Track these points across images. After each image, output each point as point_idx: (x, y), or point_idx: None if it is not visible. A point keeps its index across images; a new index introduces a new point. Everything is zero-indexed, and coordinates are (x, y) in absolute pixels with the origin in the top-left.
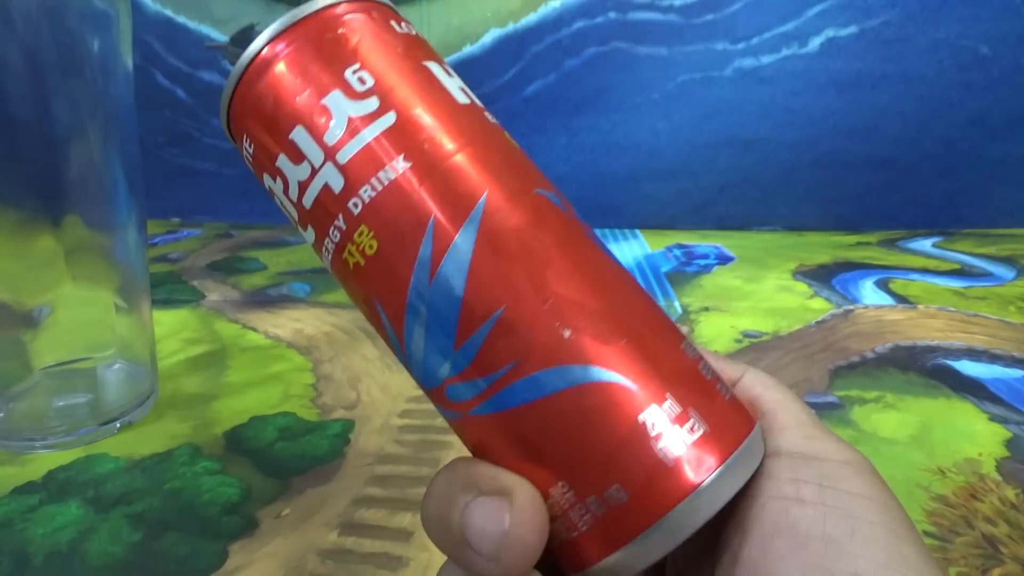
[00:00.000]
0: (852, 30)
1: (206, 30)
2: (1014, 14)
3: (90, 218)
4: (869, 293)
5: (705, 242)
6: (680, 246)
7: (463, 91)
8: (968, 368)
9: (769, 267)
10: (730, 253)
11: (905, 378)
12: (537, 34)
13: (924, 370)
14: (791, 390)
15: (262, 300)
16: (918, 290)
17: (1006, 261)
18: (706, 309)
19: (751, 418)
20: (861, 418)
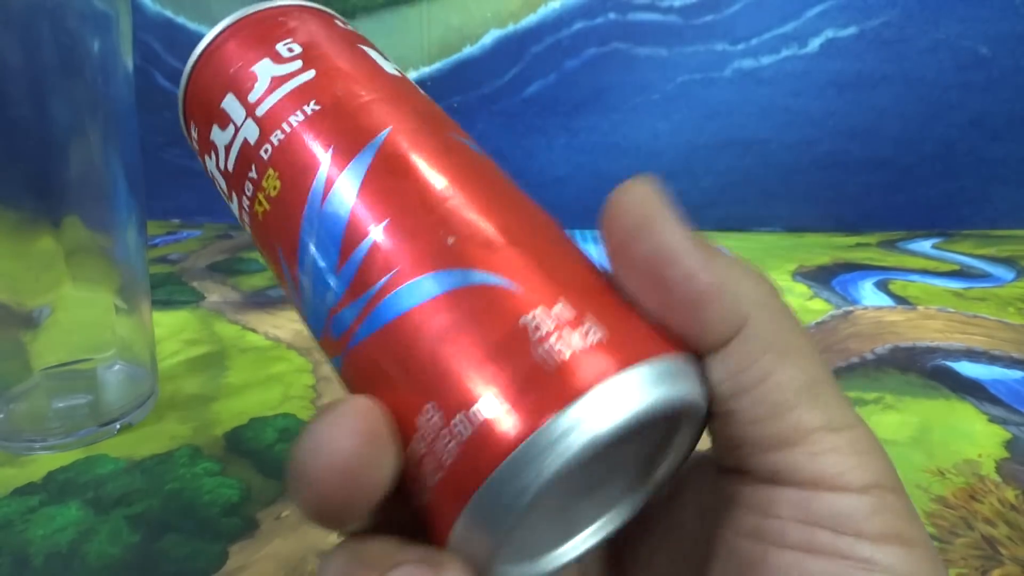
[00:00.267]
0: (852, 31)
1: (206, 30)
2: (1014, 14)
3: (90, 219)
4: (869, 294)
5: None
6: None
7: (396, 69)
8: (967, 369)
9: (769, 268)
10: (730, 254)
11: (905, 379)
12: (537, 35)
13: (924, 371)
14: (808, 363)
15: (262, 301)
16: (917, 291)
17: (1005, 262)
18: None
19: (679, 344)
20: None
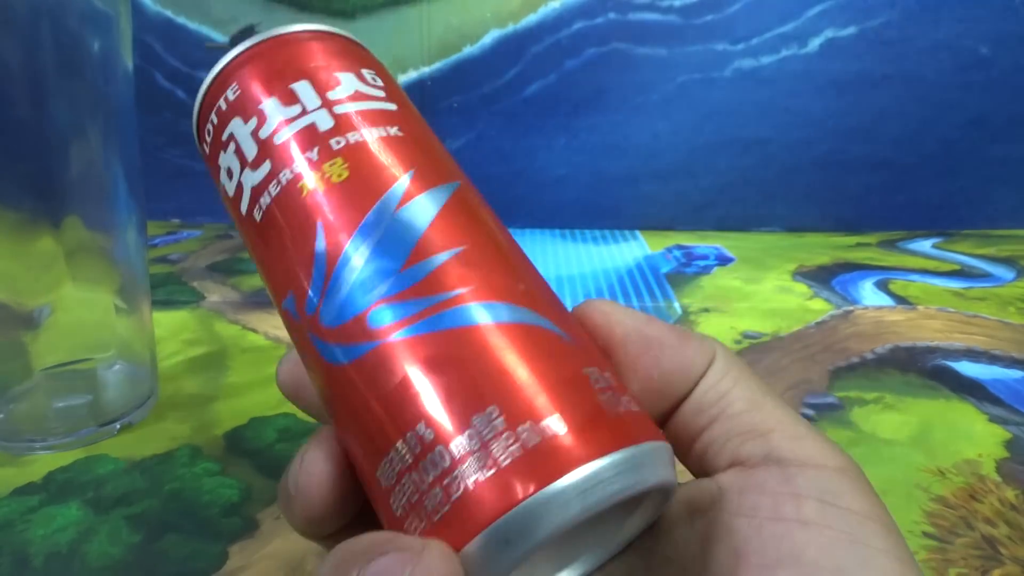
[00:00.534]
0: (852, 31)
1: (206, 31)
2: (1014, 15)
3: (90, 219)
4: (869, 294)
5: (705, 243)
6: (680, 247)
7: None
8: (968, 369)
9: (769, 268)
10: (730, 254)
11: (905, 379)
12: (537, 35)
13: (924, 371)
14: (760, 381)
15: (262, 301)
16: (918, 291)
17: (1006, 262)
18: (706, 310)
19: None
20: (861, 419)
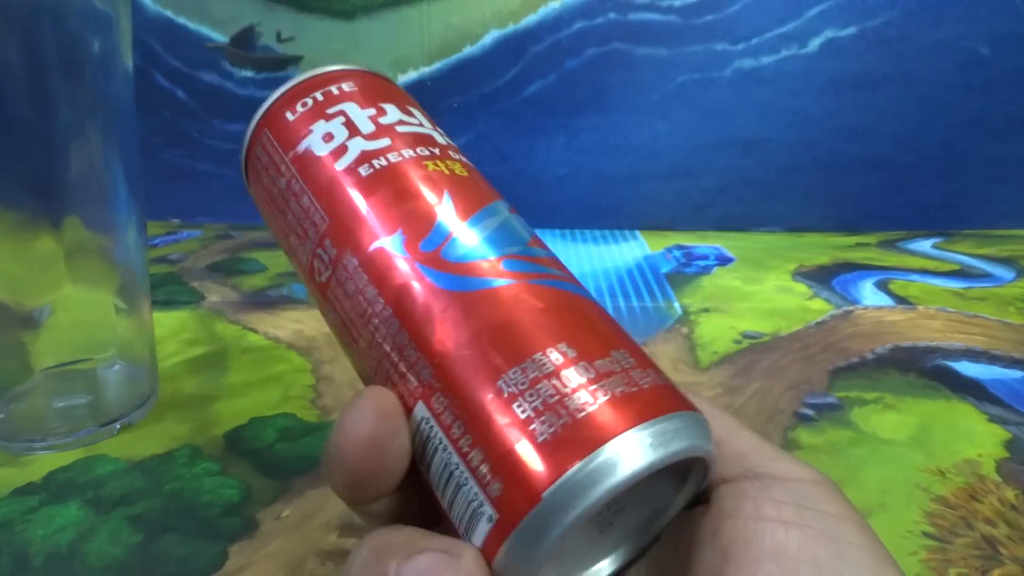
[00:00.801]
0: (852, 31)
1: (206, 31)
2: (1014, 14)
3: (90, 219)
4: (869, 294)
5: (705, 243)
6: (680, 247)
7: None
8: (967, 369)
9: (769, 268)
10: (730, 254)
11: (905, 379)
12: (537, 35)
13: (924, 371)
14: (734, 417)
15: (262, 301)
16: (918, 291)
17: (1006, 262)
18: (706, 310)
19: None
20: (861, 419)
